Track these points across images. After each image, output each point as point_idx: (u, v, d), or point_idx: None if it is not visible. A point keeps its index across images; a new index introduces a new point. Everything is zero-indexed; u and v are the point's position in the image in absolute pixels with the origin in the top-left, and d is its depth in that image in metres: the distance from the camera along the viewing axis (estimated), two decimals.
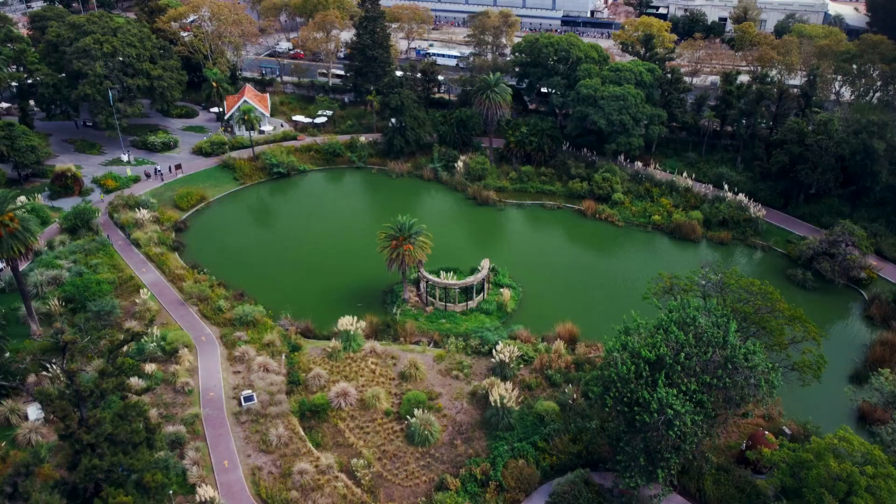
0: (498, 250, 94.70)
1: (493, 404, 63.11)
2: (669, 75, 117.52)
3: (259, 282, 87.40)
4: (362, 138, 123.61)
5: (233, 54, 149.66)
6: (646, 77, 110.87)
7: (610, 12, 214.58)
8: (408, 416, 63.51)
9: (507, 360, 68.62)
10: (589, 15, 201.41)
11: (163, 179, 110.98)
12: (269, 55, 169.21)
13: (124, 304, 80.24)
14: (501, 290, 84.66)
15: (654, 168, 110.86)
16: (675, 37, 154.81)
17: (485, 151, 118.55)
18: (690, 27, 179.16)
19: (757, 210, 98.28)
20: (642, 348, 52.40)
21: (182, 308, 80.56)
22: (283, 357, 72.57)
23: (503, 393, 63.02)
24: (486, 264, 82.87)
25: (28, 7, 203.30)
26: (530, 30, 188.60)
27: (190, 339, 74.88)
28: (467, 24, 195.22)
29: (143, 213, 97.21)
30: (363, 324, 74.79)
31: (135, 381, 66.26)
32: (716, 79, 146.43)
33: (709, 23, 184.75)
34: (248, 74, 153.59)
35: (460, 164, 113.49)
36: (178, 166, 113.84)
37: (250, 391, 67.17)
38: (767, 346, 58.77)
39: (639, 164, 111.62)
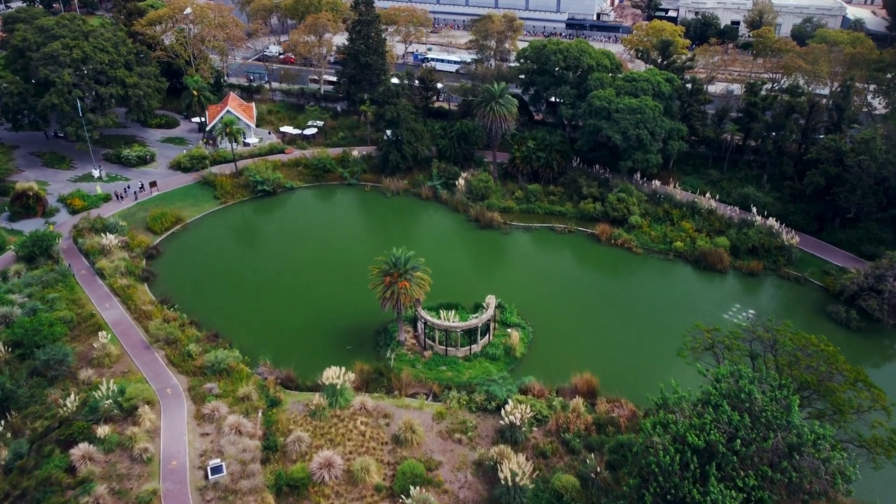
0: (504, 281, 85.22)
1: (503, 482, 53.59)
2: (689, 86, 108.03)
3: (236, 319, 77.86)
4: (355, 152, 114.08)
5: (218, 59, 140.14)
6: (664, 88, 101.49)
7: (616, 15, 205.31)
8: (402, 496, 53.96)
9: (517, 423, 59.12)
10: (595, 17, 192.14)
11: (136, 198, 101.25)
12: (258, 60, 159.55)
13: (81, 348, 70.65)
14: (509, 330, 75.21)
15: (674, 187, 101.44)
16: (688, 42, 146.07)
17: (488, 167, 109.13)
18: (702, 31, 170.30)
19: (790, 237, 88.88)
20: (688, 432, 42.96)
21: (147, 353, 70.93)
22: (260, 414, 62.99)
23: (515, 468, 53.52)
24: (491, 301, 73.38)
25: (7, 7, 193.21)
26: (532, 33, 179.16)
27: (153, 392, 65.21)
28: (468, 27, 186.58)
29: (109, 239, 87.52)
30: (351, 376, 65.19)
31: (84, 449, 56.75)
32: (732, 87, 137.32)
33: (721, 27, 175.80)
34: (233, 81, 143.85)
35: (461, 181, 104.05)
36: (153, 183, 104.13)
37: (219, 460, 57.56)
38: (829, 417, 49.45)
39: (656, 182, 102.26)
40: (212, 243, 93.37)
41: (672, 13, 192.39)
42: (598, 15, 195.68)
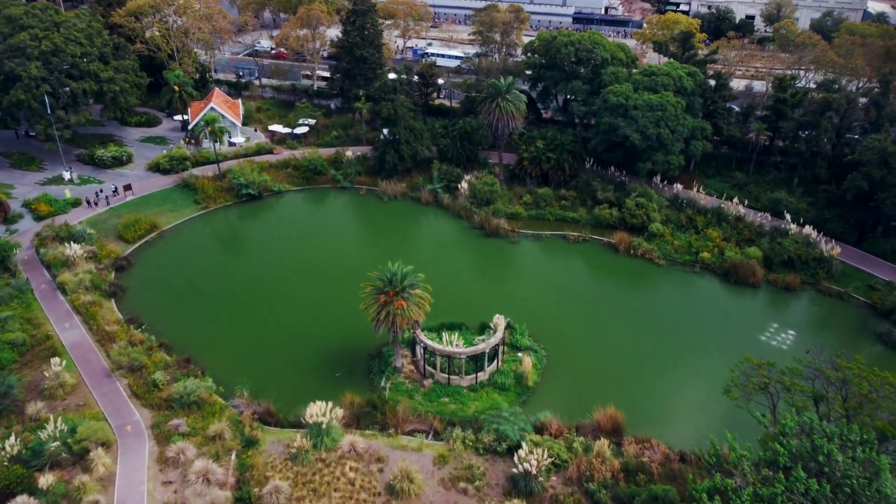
0: (512, 297, 76.41)
1: None
2: (714, 81, 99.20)
3: (213, 340, 69.13)
4: (349, 152, 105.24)
5: (205, 53, 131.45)
6: (686, 83, 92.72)
7: (624, 9, 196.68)
8: None
9: (533, 472, 50.40)
10: (603, 12, 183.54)
11: (108, 203, 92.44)
12: (249, 55, 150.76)
13: (32, 376, 61.90)
14: (520, 354, 66.51)
15: (697, 191, 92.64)
16: (704, 36, 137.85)
17: (493, 169, 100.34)
18: (716, 26, 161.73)
19: (829, 247, 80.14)
20: None
21: (108, 382, 62.13)
22: (233, 457, 54.25)
23: None
24: (500, 323, 64.59)
25: None
26: (537, 28, 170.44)
27: (110, 431, 56.38)
28: (469, 20, 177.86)
29: (74, 249, 78.74)
30: (340, 412, 56.39)
31: (21, 503, 48.00)
32: (751, 83, 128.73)
33: (736, 21, 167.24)
34: (221, 77, 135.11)
35: (464, 184, 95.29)
36: (128, 187, 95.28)
37: None
38: None
39: (678, 186, 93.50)
40: (189, 253, 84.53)
41: (683, 7, 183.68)
42: (606, 9, 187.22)
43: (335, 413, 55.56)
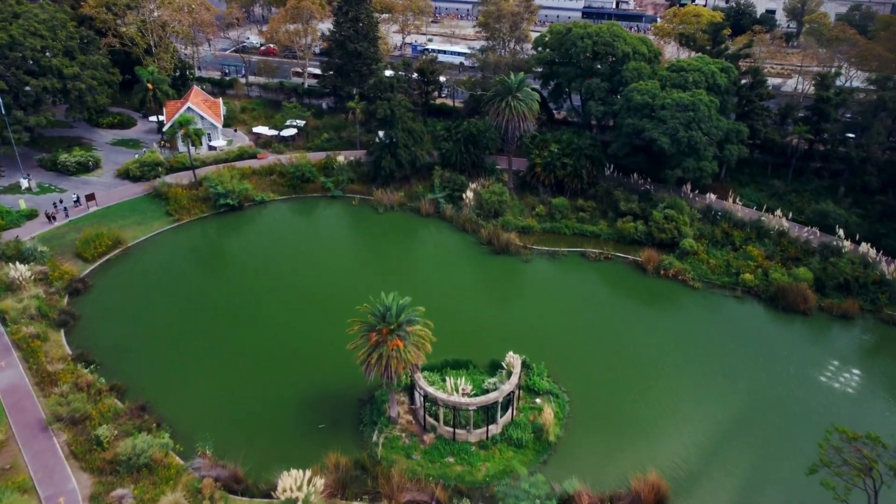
0: (527, 327, 65.87)
1: None
2: (749, 78, 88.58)
3: (176, 381, 58.64)
4: (340, 157, 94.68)
5: (185, 48, 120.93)
6: (720, 79, 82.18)
7: (636, 4, 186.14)
8: None
9: None
10: (614, 6, 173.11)
11: (67, 215, 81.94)
12: (237, 51, 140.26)
13: None
14: (538, 399, 56.05)
15: (734, 202, 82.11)
16: (728, 30, 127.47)
17: (502, 177, 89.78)
18: (736, 21, 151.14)
19: (893, 269, 69.61)
20: None
21: (43, 437, 51.60)
22: None
23: None
24: (515, 364, 54.06)
25: None
26: (544, 23, 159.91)
27: None
28: (472, 15, 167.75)
29: (20, 270, 68.20)
30: (320, 483, 45.81)
31: None
32: (783, 82, 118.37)
33: (757, 15, 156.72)
34: (203, 75, 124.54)
35: (470, 194, 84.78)
36: (91, 196, 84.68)
37: None
38: None
39: (712, 196, 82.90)
40: (156, 274, 73.88)
41: (699, 1, 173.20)
42: (618, 3, 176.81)
43: (314, 485, 44.98)
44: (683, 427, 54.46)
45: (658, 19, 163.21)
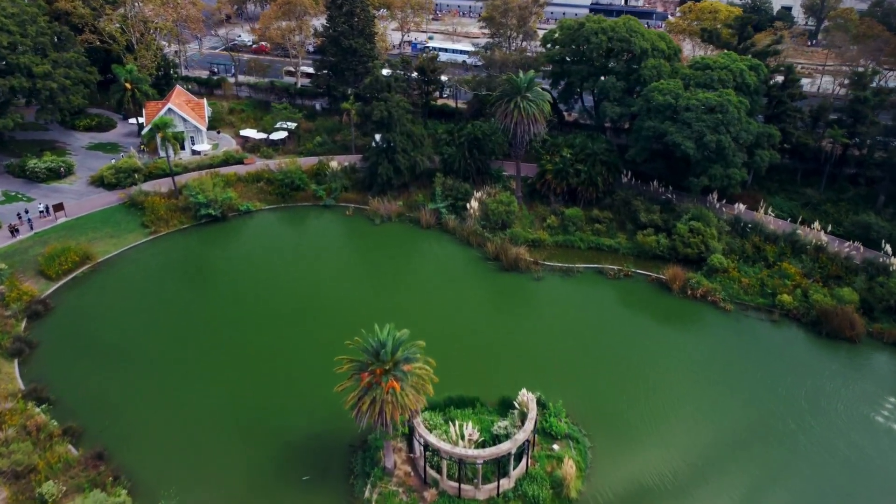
0: (541, 357, 58.54)
1: None
2: (782, 77, 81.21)
3: (141, 421, 51.38)
4: (334, 163, 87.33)
5: (168, 46, 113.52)
6: (749, 78, 74.87)
7: (645, 0, 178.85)
8: None
9: None
10: (623, 2, 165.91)
11: (31, 227, 74.63)
12: (227, 49, 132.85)
13: None
14: (556, 445, 48.72)
15: (765, 212, 74.81)
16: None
17: (509, 184, 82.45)
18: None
19: None
20: None
21: None
22: None
23: None
24: (530, 404, 46.78)
25: None
26: (550, 20, 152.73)
27: None
28: (474, 12, 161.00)
29: None
30: None
31: None
32: (809, 81, 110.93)
33: (774, 12, 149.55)
34: (190, 74, 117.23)
35: (474, 203, 77.46)
36: (59, 206, 77.35)
37: None
38: None
39: (740, 206, 75.53)
40: (126, 295, 66.49)
41: None
42: (626, 0, 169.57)
43: None
44: (723, 480, 47.10)
45: (669, 16, 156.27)
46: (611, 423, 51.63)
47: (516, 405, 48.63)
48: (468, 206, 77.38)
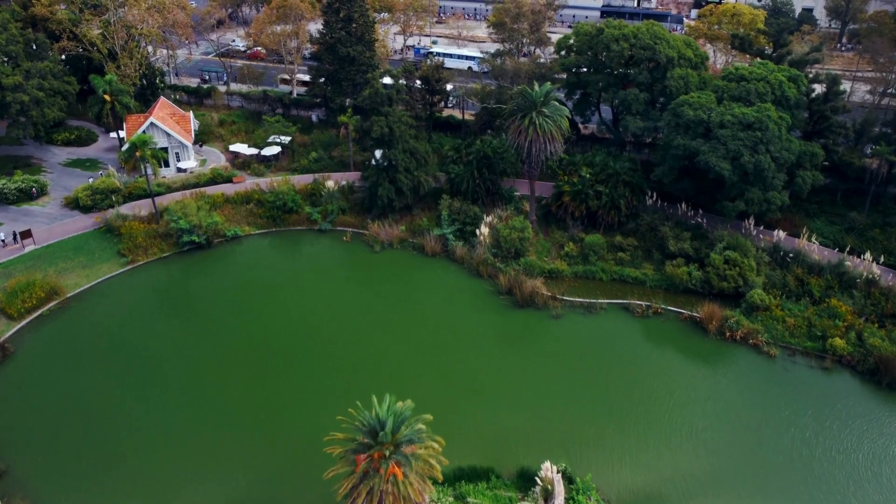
0: (563, 413, 51.28)
1: None
2: (823, 89, 73.90)
3: (105, 493, 44.18)
4: (330, 182, 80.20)
5: (154, 54, 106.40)
6: (789, 91, 67.58)
7: (658, 2, 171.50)
8: None
9: None
10: (635, 4, 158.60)
11: None
12: (221, 55, 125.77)
13: None
14: None
15: (808, 240, 67.48)
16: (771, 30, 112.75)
17: (522, 206, 75.18)
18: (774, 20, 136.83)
19: None
20: None
21: None
22: None
23: None
24: (556, 483, 39.54)
25: None
26: (560, 24, 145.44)
27: None
28: (480, 15, 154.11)
29: None
30: None
31: None
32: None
33: (796, 14, 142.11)
34: (178, 83, 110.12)
35: (484, 229, 70.20)
36: (27, 233, 70.26)
37: None
38: None
39: (780, 233, 68.15)
40: (96, 336, 59.39)
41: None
42: (639, 2, 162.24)
43: None
44: None
45: (685, 19, 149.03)
46: (646, 500, 44.34)
47: (538, 481, 41.52)
48: (478, 231, 70.15)
